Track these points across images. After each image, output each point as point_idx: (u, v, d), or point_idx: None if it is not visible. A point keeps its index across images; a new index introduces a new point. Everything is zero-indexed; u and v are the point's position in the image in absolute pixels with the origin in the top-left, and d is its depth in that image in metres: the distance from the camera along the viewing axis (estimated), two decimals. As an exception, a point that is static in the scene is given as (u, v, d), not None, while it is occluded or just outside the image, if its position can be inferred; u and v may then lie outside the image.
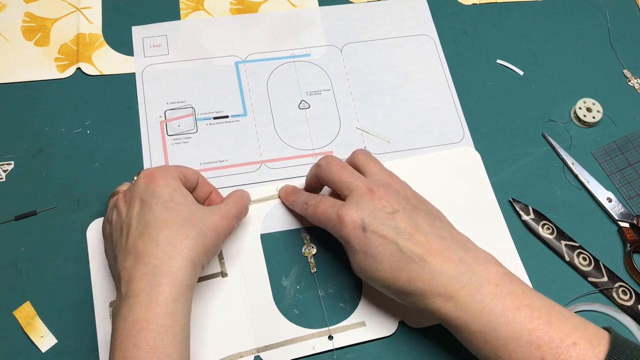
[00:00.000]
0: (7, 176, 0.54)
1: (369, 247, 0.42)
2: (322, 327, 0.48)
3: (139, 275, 0.40)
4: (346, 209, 0.43)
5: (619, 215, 0.55)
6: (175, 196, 0.44)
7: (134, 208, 0.44)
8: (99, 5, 0.64)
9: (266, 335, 0.48)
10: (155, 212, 0.43)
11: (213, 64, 0.61)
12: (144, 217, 0.43)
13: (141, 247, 0.41)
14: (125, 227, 0.44)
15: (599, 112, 0.60)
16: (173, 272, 0.40)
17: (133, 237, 0.42)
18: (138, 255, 0.41)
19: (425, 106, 0.60)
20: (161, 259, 0.41)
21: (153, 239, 0.41)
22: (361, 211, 0.43)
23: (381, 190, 0.44)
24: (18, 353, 0.47)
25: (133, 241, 0.42)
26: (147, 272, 0.40)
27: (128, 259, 0.42)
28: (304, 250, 0.52)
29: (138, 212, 0.43)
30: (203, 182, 0.50)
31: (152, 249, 0.41)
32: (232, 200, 0.49)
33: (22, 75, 0.59)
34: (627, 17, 0.67)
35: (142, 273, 0.40)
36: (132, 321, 0.39)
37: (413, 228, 0.42)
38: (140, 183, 0.45)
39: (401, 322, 0.49)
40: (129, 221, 0.43)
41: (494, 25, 0.66)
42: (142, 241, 0.42)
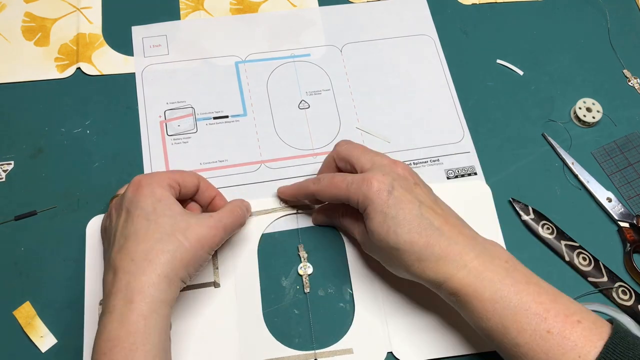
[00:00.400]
0: (7, 176, 0.54)
1: (392, 209, 0.43)
2: (308, 350, 0.48)
3: (114, 292, 0.40)
4: (373, 173, 0.45)
5: (619, 215, 0.55)
6: (159, 207, 0.43)
7: (120, 217, 0.44)
8: (99, 5, 0.64)
9: (251, 352, 0.48)
10: (137, 224, 0.42)
11: (213, 64, 0.61)
12: (126, 228, 0.43)
13: (119, 262, 0.41)
14: (111, 238, 0.44)
15: (599, 112, 0.60)
16: (145, 289, 0.40)
17: (114, 251, 0.42)
18: (115, 270, 0.41)
19: (425, 106, 0.60)
20: (134, 275, 0.40)
21: (129, 253, 0.41)
22: (388, 176, 0.44)
23: (402, 165, 0.47)
24: (18, 353, 0.47)
25: (114, 255, 0.42)
26: (121, 288, 0.40)
27: (109, 273, 0.42)
28: (299, 269, 0.51)
29: (122, 223, 0.43)
30: (206, 187, 0.50)
31: (127, 263, 0.41)
32: (228, 209, 0.48)
33: (22, 75, 0.59)
34: (627, 17, 0.67)
35: (116, 289, 0.40)
36: (105, 338, 0.39)
37: (432, 201, 0.45)
38: (128, 192, 0.45)
39: (389, 353, 0.48)
40: (115, 232, 0.44)
41: (494, 25, 0.66)
42: (120, 255, 0.42)
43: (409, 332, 0.49)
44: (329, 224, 0.53)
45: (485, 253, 0.43)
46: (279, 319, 0.49)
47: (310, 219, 0.53)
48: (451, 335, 0.49)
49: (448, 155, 0.58)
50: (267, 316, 0.49)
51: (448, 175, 0.57)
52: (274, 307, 0.50)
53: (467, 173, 0.57)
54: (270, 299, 0.50)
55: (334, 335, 0.49)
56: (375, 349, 0.48)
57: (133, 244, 0.42)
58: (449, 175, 0.57)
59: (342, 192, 0.46)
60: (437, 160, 0.58)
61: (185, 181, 0.47)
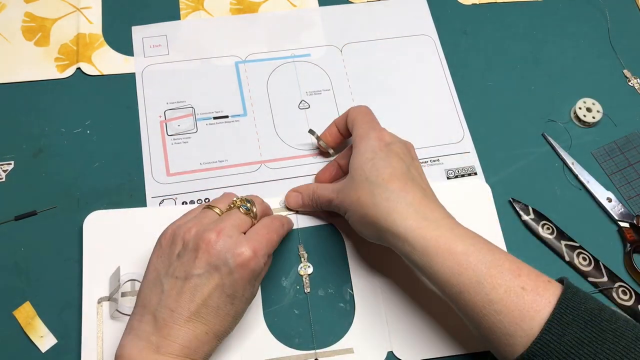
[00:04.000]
0: (7, 176, 0.54)
1: (383, 153, 0.46)
2: (309, 350, 0.48)
3: (138, 348, 0.39)
4: (379, 131, 0.48)
5: (619, 215, 0.55)
6: (247, 293, 0.42)
7: (206, 277, 0.41)
8: (99, 5, 0.64)
9: (252, 352, 0.48)
10: (219, 301, 0.41)
11: (213, 64, 0.61)
12: (208, 296, 0.40)
13: (166, 329, 0.40)
14: (180, 280, 0.41)
15: (599, 112, 0.60)
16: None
17: (174, 306, 0.40)
18: (158, 328, 0.40)
19: (425, 106, 0.60)
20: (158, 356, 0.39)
21: (181, 333, 0.40)
22: (390, 136, 0.48)
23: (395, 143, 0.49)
24: (18, 353, 0.47)
25: (168, 310, 0.40)
26: (143, 350, 0.39)
27: (146, 315, 0.41)
28: (299, 269, 0.51)
29: (207, 285, 0.40)
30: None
31: (170, 342, 0.39)
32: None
33: (22, 75, 0.59)
34: (627, 17, 0.67)
35: (139, 348, 0.39)
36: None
37: (420, 169, 0.48)
38: (234, 259, 0.41)
39: (390, 353, 0.48)
40: (189, 283, 0.40)
41: (494, 25, 0.66)
42: (173, 321, 0.40)
43: (409, 332, 0.49)
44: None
45: (452, 217, 0.43)
46: (279, 319, 0.49)
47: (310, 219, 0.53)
48: (451, 335, 0.49)
49: (448, 155, 0.58)
50: (268, 316, 0.49)
51: (448, 175, 0.57)
52: (274, 307, 0.50)
53: (467, 173, 0.57)
54: (271, 299, 0.50)
55: (334, 335, 0.49)
56: (376, 348, 0.48)
57: (194, 326, 0.40)
58: (449, 175, 0.57)
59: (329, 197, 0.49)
60: (437, 160, 0.58)
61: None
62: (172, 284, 0.41)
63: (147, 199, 0.54)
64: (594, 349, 0.37)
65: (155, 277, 0.42)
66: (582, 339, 0.37)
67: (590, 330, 0.37)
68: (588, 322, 0.38)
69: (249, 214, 0.45)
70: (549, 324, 0.38)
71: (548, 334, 0.37)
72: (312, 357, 0.48)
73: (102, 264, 0.50)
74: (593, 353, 0.37)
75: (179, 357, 0.39)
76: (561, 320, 0.38)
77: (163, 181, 0.55)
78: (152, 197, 0.54)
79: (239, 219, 0.44)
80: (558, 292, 0.39)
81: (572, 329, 0.37)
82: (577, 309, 0.38)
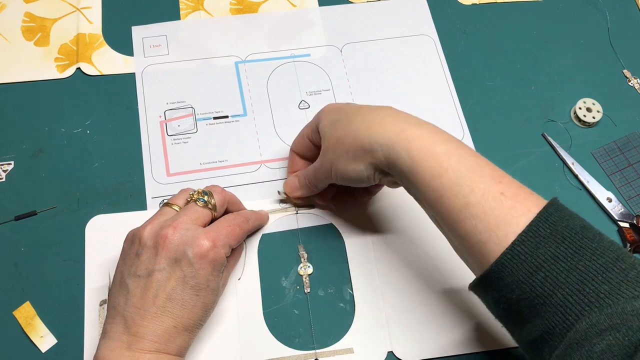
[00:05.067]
0: (7, 176, 0.54)
1: (349, 104, 0.48)
2: (309, 350, 0.48)
3: (110, 348, 0.40)
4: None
5: (619, 215, 0.55)
6: (212, 283, 0.43)
7: (168, 271, 0.41)
8: (99, 5, 0.64)
9: (252, 352, 0.48)
10: (185, 294, 0.41)
11: (213, 64, 0.61)
12: (173, 290, 0.41)
13: (135, 327, 0.40)
14: (143, 279, 0.41)
15: (599, 112, 0.60)
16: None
17: (140, 303, 0.41)
18: (127, 327, 0.40)
19: (425, 106, 0.60)
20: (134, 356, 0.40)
21: (150, 329, 0.40)
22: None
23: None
24: (18, 353, 0.47)
25: (134, 309, 0.41)
26: (116, 349, 0.40)
27: (116, 317, 0.41)
28: (299, 269, 0.51)
29: (169, 280, 0.41)
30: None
31: (139, 338, 0.40)
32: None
33: (22, 75, 0.59)
34: (627, 17, 0.67)
35: (112, 348, 0.40)
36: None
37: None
38: (192, 251, 0.41)
39: (390, 353, 0.48)
40: (152, 280, 0.41)
41: (494, 25, 0.66)
42: (140, 318, 0.40)
43: (409, 332, 0.49)
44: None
45: (435, 125, 0.42)
46: (279, 319, 0.49)
47: (310, 219, 0.53)
48: (451, 335, 0.49)
49: (448, 155, 0.58)
50: (268, 316, 0.49)
51: (448, 175, 0.57)
52: (274, 307, 0.50)
53: (467, 173, 0.57)
54: (271, 299, 0.50)
55: (334, 335, 0.49)
56: (376, 348, 0.48)
57: (164, 320, 0.41)
58: (449, 175, 0.57)
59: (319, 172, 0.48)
60: (437, 160, 0.57)
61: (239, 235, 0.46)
62: (136, 283, 0.41)
63: (147, 199, 0.54)
64: (567, 265, 0.35)
65: (120, 279, 0.43)
66: (557, 254, 0.35)
67: (567, 246, 0.35)
68: (566, 238, 0.35)
69: (206, 206, 0.45)
70: (523, 234, 0.36)
71: (520, 245, 0.36)
72: (312, 357, 0.48)
73: (104, 268, 0.50)
74: (566, 270, 0.35)
75: (149, 351, 0.40)
76: (537, 233, 0.36)
77: (163, 181, 0.55)
78: (152, 198, 0.54)
79: (196, 213, 0.44)
80: (540, 204, 0.37)
81: (548, 243, 0.35)
82: (557, 224, 0.36)
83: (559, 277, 0.35)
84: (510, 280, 0.36)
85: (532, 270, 0.35)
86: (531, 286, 0.35)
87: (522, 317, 0.36)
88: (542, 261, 0.35)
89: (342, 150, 0.44)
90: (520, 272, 0.36)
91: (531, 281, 0.35)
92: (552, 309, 0.35)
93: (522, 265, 0.36)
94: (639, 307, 0.32)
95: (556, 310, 0.34)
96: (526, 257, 0.35)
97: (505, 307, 0.37)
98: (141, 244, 0.42)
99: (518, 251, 0.36)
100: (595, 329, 0.33)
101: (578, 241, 0.35)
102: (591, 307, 0.33)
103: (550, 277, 0.35)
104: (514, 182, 0.39)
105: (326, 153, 0.46)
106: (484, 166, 0.39)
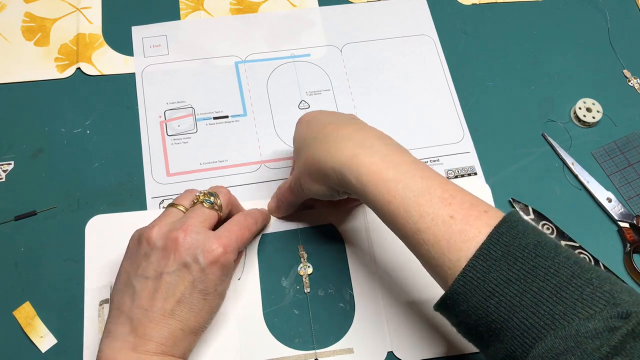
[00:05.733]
0: (7, 176, 0.54)
1: (316, 118, 0.47)
2: (309, 350, 0.48)
3: (115, 349, 0.40)
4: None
5: (619, 215, 0.55)
6: (219, 288, 0.43)
7: (178, 275, 0.41)
8: (98, 5, 0.64)
9: (252, 352, 0.48)
10: (193, 298, 0.41)
11: (213, 64, 0.61)
12: (183, 294, 0.41)
13: (142, 328, 0.40)
14: (151, 280, 0.41)
15: (599, 112, 0.60)
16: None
17: (148, 305, 0.41)
18: (134, 328, 0.40)
19: (425, 106, 0.60)
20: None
21: (157, 331, 0.40)
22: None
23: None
24: (18, 353, 0.47)
25: (142, 310, 0.40)
26: (121, 350, 0.40)
27: (121, 317, 0.41)
28: (299, 269, 0.51)
29: (179, 283, 0.41)
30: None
31: (146, 340, 0.40)
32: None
33: (22, 75, 0.59)
34: (627, 17, 0.67)
35: (117, 349, 0.40)
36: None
37: (361, 121, 0.47)
38: (206, 251, 0.41)
39: (390, 353, 0.48)
40: (161, 282, 0.41)
41: (494, 25, 0.66)
42: (147, 320, 0.40)
43: (409, 332, 0.49)
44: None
45: (394, 145, 0.42)
46: (279, 319, 0.49)
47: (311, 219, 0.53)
48: (451, 335, 0.49)
49: (448, 155, 0.58)
50: (267, 316, 0.49)
51: (448, 175, 0.57)
52: (274, 307, 0.50)
53: (467, 173, 0.57)
54: (270, 299, 0.50)
55: (334, 335, 0.49)
56: (376, 348, 0.48)
57: (171, 323, 0.41)
58: (449, 175, 0.57)
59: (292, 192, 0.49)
60: (437, 160, 0.58)
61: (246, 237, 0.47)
62: (143, 284, 0.41)
63: (147, 199, 0.54)
64: (521, 287, 0.33)
65: (126, 279, 0.42)
66: (510, 277, 0.34)
67: (520, 267, 0.34)
68: (519, 259, 0.34)
69: (213, 208, 0.45)
70: (474, 259, 0.34)
71: (472, 271, 0.34)
72: (312, 357, 0.48)
73: (104, 268, 0.50)
74: (519, 292, 0.33)
75: (156, 354, 0.40)
76: (488, 256, 0.34)
77: (163, 181, 0.55)
78: (152, 198, 0.54)
79: (203, 215, 0.44)
80: (492, 223, 0.35)
81: (500, 266, 0.34)
82: (509, 244, 0.34)
83: (513, 301, 0.33)
84: (465, 307, 0.35)
85: (485, 295, 0.34)
86: (486, 311, 0.34)
87: (483, 340, 0.36)
88: (494, 285, 0.34)
89: (306, 171, 0.45)
90: (474, 297, 0.35)
91: (486, 306, 0.34)
92: (510, 333, 0.34)
93: (475, 291, 0.34)
94: (593, 329, 0.31)
95: (513, 335, 0.33)
96: (479, 283, 0.34)
97: (465, 330, 0.37)
98: (149, 245, 0.42)
99: (470, 277, 0.35)
100: (551, 353, 0.31)
101: (531, 260, 0.34)
102: (547, 330, 0.32)
103: (505, 301, 0.34)
104: (465, 202, 0.37)
105: (295, 170, 0.47)
106: (434, 188, 0.38)
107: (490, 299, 0.34)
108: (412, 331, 0.49)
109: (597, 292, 0.32)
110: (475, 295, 0.34)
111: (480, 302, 0.34)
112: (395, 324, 0.49)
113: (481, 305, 0.34)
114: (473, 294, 0.35)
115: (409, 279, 0.51)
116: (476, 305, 0.35)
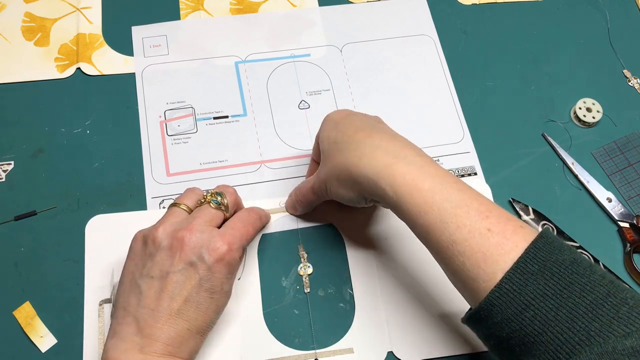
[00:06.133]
0: (7, 176, 0.54)
1: (345, 121, 0.47)
2: (309, 350, 0.48)
3: (122, 349, 0.39)
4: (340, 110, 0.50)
5: (619, 215, 0.55)
6: (226, 286, 0.43)
7: (184, 274, 0.41)
8: (98, 5, 0.64)
9: (252, 352, 0.48)
10: (200, 297, 0.41)
11: (213, 64, 0.61)
12: (184, 294, 0.41)
13: (148, 328, 0.40)
14: (157, 280, 0.41)
15: (599, 112, 0.60)
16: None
17: (154, 305, 0.40)
18: (140, 329, 0.40)
19: (425, 106, 0.60)
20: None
21: (164, 332, 0.40)
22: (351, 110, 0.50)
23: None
24: (18, 353, 0.47)
25: (148, 310, 0.40)
26: (127, 351, 0.39)
27: (127, 317, 0.41)
28: (299, 269, 0.51)
29: (186, 282, 0.41)
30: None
31: (153, 341, 0.39)
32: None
33: (22, 75, 0.59)
34: (627, 17, 0.67)
35: (123, 350, 0.39)
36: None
37: (387, 126, 0.48)
38: (211, 249, 0.41)
39: (390, 353, 0.48)
40: (168, 282, 0.41)
41: (494, 25, 0.66)
42: (154, 320, 0.40)
43: (409, 332, 0.49)
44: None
45: (426, 156, 0.42)
46: (279, 319, 0.49)
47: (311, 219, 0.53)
48: (451, 335, 0.49)
49: (448, 155, 0.58)
50: (267, 316, 0.49)
51: (448, 175, 0.57)
52: (274, 307, 0.50)
53: (467, 173, 0.57)
54: (270, 299, 0.50)
55: (334, 335, 0.49)
56: (376, 348, 0.48)
57: (178, 323, 0.40)
58: (449, 175, 0.57)
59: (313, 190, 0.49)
60: (437, 160, 0.58)
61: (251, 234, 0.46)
62: (149, 284, 0.41)
63: (147, 199, 0.54)
64: (556, 302, 0.34)
65: (131, 279, 0.42)
66: (546, 291, 0.34)
67: (556, 282, 0.34)
68: (555, 274, 0.35)
69: (220, 208, 0.45)
70: (511, 272, 0.35)
71: (508, 283, 0.35)
72: (312, 357, 0.48)
73: (104, 267, 0.50)
74: (555, 307, 0.34)
75: (163, 355, 0.39)
76: (525, 270, 0.35)
77: (163, 181, 0.55)
78: (152, 198, 0.54)
79: (209, 214, 0.44)
80: (529, 239, 0.36)
81: (537, 280, 0.35)
82: (546, 260, 0.35)
83: (548, 315, 0.34)
84: (499, 319, 0.36)
85: (520, 308, 0.35)
86: (520, 324, 0.35)
87: (514, 354, 0.36)
88: (530, 299, 0.34)
89: (335, 175, 0.45)
90: (508, 310, 0.35)
91: (520, 319, 0.35)
92: (543, 348, 0.34)
93: (510, 304, 0.35)
94: (630, 346, 0.31)
95: (547, 349, 0.34)
96: (514, 295, 0.35)
97: (495, 343, 0.37)
98: (155, 245, 0.42)
99: (506, 289, 0.35)
100: None
101: (567, 277, 0.35)
102: (582, 346, 0.32)
103: (540, 315, 0.34)
104: (502, 216, 0.38)
105: (322, 172, 0.47)
106: (471, 201, 0.38)
107: (526, 312, 0.34)
108: (412, 331, 0.49)
109: (633, 311, 0.33)
110: (510, 307, 0.35)
111: (516, 314, 0.35)
112: (395, 324, 0.49)
113: (516, 317, 0.35)
114: (509, 305, 0.35)
115: (409, 279, 0.51)
116: (511, 317, 0.35)
